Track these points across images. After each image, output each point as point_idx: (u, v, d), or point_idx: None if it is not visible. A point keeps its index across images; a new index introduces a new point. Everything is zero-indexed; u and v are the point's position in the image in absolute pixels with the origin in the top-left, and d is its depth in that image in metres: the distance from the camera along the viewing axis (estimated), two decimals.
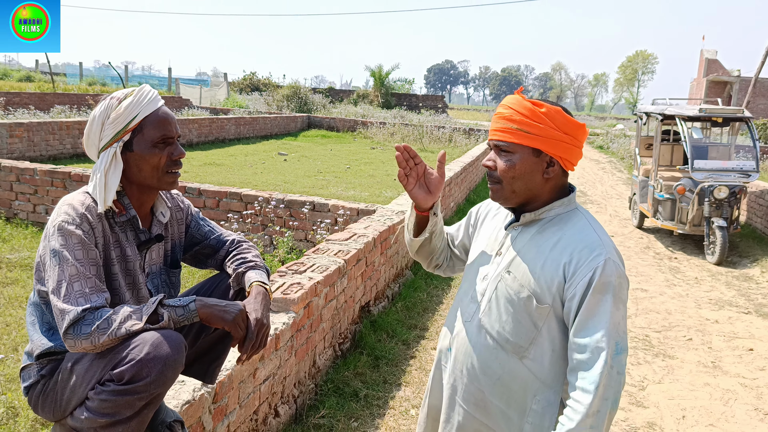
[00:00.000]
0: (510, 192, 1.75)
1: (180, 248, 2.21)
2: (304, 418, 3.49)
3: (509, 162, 1.72)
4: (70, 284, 1.75)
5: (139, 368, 1.69)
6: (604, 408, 1.56)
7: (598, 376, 1.55)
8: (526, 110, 1.69)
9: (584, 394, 1.56)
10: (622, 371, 1.59)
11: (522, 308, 1.69)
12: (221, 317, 1.83)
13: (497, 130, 1.74)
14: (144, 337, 1.73)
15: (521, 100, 1.73)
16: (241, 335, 1.86)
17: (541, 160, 1.71)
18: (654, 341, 5.36)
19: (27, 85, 26.02)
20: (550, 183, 1.74)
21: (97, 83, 30.74)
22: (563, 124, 1.69)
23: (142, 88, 1.95)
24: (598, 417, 1.55)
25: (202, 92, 32.85)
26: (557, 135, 1.68)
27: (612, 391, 1.57)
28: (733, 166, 8.71)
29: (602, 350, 1.56)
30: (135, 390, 1.71)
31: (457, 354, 1.83)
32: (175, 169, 1.97)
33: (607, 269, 1.60)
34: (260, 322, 1.92)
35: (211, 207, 6.85)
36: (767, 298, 6.82)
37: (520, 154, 1.71)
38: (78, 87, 26.99)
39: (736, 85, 34.00)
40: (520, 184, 1.73)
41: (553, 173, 1.73)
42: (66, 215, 1.82)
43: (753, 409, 4.20)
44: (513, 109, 1.72)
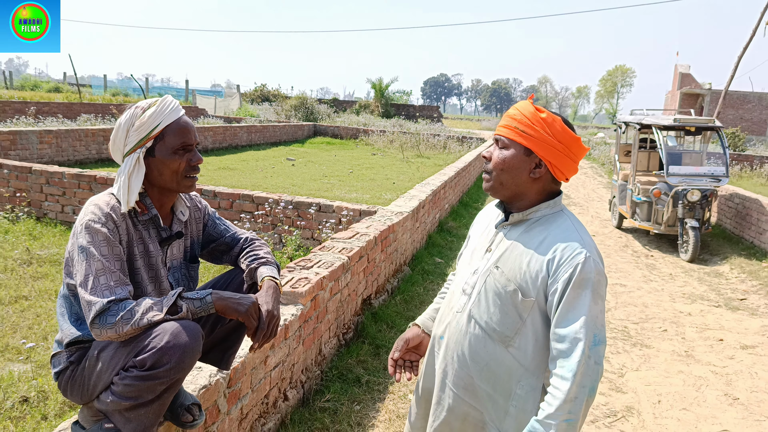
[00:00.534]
0: (498, 183, 1.77)
1: (198, 245, 2.22)
2: (311, 401, 3.49)
3: (502, 155, 1.75)
4: (96, 278, 1.75)
5: (160, 355, 1.70)
6: (582, 395, 1.56)
7: (575, 365, 1.56)
8: (529, 113, 1.72)
9: (563, 382, 1.57)
10: (599, 361, 1.59)
11: (508, 301, 1.70)
12: (235, 309, 1.84)
13: (502, 126, 1.78)
14: (164, 327, 1.74)
15: (528, 104, 1.76)
16: (253, 325, 1.86)
17: (530, 159, 1.72)
18: (632, 332, 5.36)
19: (55, 95, 25.99)
20: (537, 184, 1.75)
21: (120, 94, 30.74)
22: (558, 132, 1.70)
23: (165, 99, 1.95)
24: (575, 403, 1.56)
25: (217, 102, 32.84)
26: (549, 140, 1.69)
27: (589, 379, 1.57)
28: (704, 172, 8.72)
29: (580, 341, 1.57)
30: (156, 375, 1.72)
31: (449, 342, 1.84)
32: (194, 173, 1.97)
33: (586, 266, 1.61)
34: (271, 314, 1.92)
35: (226, 208, 6.85)
36: (736, 293, 6.82)
37: (513, 150, 1.73)
38: (102, 97, 26.96)
39: (708, 97, 34.00)
40: (507, 177, 1.74)
41: (540, 175, 1.73)
42: (92, 214, 1.82)
43: (723, 394, 4.21)
44: (519, 111, 1.75)
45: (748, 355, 4.93)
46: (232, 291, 2.11)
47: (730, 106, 34.11)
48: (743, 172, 18.39)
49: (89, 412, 1.91)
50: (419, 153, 20.21)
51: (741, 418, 3.87)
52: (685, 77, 35.64)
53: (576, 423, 1.56)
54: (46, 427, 2.95)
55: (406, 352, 2.07)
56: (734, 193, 9.99)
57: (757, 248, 8.78)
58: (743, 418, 3.87)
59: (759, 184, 16.39)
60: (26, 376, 3.45)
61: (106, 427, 1.85)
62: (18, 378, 3.41)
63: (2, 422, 2.99)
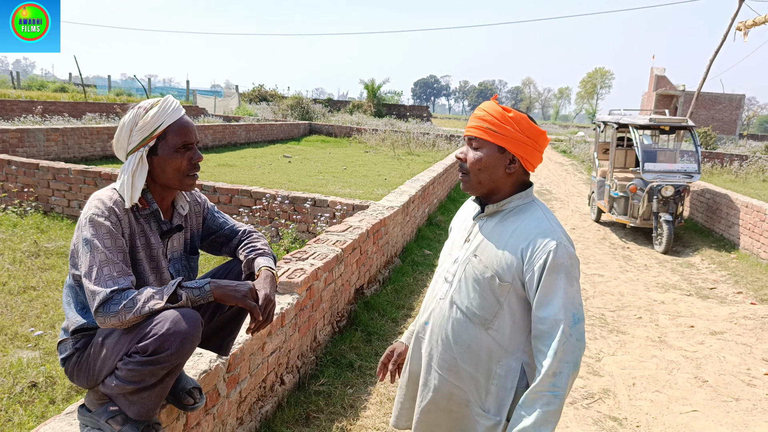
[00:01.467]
0: (476, 182, 1.78)
1: (198, 237, 2.21)
2: (306, 385, 3.50)
3: (477, 155, 1.76)
4: (100, 269, 1.75)
5: (161, 342, 1.71)
6: (566, 370, 1.60)
7: (557, 343, 1.60)
8: (497, 113, 1.73)
9: (546, 359, 1.61)
10: (581, 338, 1.64)
11: (487, 286, 1.73)
12: (233, 295, 1.84)
13: (471, 126, 1.78)
14: (165, 315, 1.74)
15: (494, 105, 1.77)
16: (251, 308, 1.86)
17: (504, 156, 1.74)
18: (609, 319, 5.40)
19: (62, 95, 25.76)
20: (511, 178, 1.77)
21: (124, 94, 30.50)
22: (526, 128, 1.72)
23: (167, 99, 1.94)
24: (559, 377, 1.60)
25: (216, 102, 32.67)
26: (520, 137, 1.71)
27: (572, 355, 1.61)
28: (678, 169, 8.78)
29: (560, 321, 1.61)
30: (158, 361, 1.72)
31: (433, 327, 1.86)
32: (194, 171, 1.97)
33: (558, 252, 1.64)
34: (268, 298, 1.93)
35: (225, 202, 6.83)
36: (706, 282, 6.89)
37: (487, 149, 1.74)
38: (107, 97, 26.76)
39: (682, 98, 34.17)
40: (484, 175, 1.76)
41: (514, 170, 1.75)
42: (96, 209, 1.82)
43: (693, 377, 4.25)
44: (486, 111, 1.76)
45: (716, 340, 4.99)
46: (230, 280, 2.11)
47: (703, 106, 34.31)
48: (714, 169, 18.51)
49: (95, 395, 1.91)
50: (410, 151, 20.20)
51: (710, 399, 3.92)
52: (660, 79, 35.79)
53: (562, 395, 1.61)
54: (54, 411, 2.95)
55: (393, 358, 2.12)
56: (705, 188, 10.07)
57: (726, 240, 8.86)
58: (712, 399, 3.92)
59: (729, 180, 16.52)
60: (35, 362, 3.44)
61: (111, 409, 1.86)
62: (27, 364, 3.40)
63: (12, 406, 2.98)
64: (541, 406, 1.60)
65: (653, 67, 36.99)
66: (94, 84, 39.32)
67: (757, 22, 13.86)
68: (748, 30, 14.28)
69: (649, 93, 37.65)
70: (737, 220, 8.63)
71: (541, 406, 1.60)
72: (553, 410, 1.60)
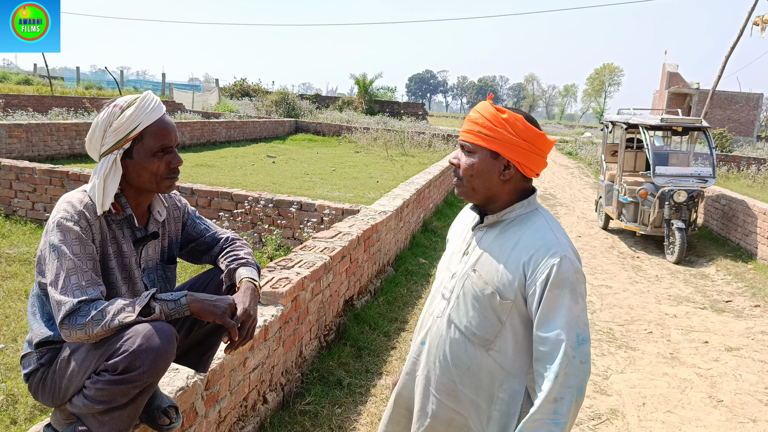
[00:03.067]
0: (470, 189, 1.78)
1: (177, 245, 2.20)
2: (291, 404, 3.50)
3: (469, 161, 1.75)
4: (67, 277, 1.74)
5: (132, 359, 1.69)
6: (568, 396, 1.58)
7: (558, 365, 1.58)
8: (490, 115, 1.72)
9: (547, 383, 1.59)
10: (585, 360, 1.61)
11: (487, 304, 1.71)
12: (211, 311, 1.83)
13: (464, 131, 1.78)
14: (137, 329, 1.72)
15: (488, 105, 1.76)
16: (230, 326, 1.85)
17: (498, 162, 1.73)
18: (617, 334, 5.43)
19: (25, 87, 25.62)
20: (508, 185, 1.76)
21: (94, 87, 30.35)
22: (522, 131, 1.70)
23: (146, 97, 1.91)
24: (561, 403, 1.57)
25: (195, 97, 32.62)
26: (514, 140, 1.70)
27: (576, 379, 1.59)
28: (691, 172, 8.85)
29: (562, 342, 1.59)
30: (129, 380, 1.71)
31: (430, 347, 1.86)
32: (173, 175, 1.96)
33: (563, 266, 1.62)
34: (247, 313, 1.91)
35: (203, 206, 6.82)
36: (721, 295, 6.94)
37: (479, 154, 1.74)
38: (75, 90, 26.64)
39: (696, 96, 34.47)
40: (478, 182, 1.75)
41: (510, 176, 1.74)
42: (65, 212, 1.81)
43: (707, 396, 4.28)
44: (479, 113, 1.75)
45: (732, 357, 5.03)
46: (210, 292, 2.10)
47: (718, 106, 34.62)
48: (730, 173, 18.68)
49: (62, 415, 1.90)
50: (404, 151, 20.25)
51: (725, 421, 3.95)
52: (673, 76, 36.09)
53: (563, 424, 1.58)
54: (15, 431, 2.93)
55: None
56: (721, 194, 10.15)
57: (743, 250, 8.93)
58: (727, 420, 3.95)
59: (746, 185, 16.65)
60: None
61: (79, 429, 1.85)
62: None
63: None
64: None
65: (665, 64, 37.32)
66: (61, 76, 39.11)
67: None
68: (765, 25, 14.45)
69: (660, 91, 37.96)
70: (755, 228, 8.71)
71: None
72: None
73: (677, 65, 36.75)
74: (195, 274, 5.35)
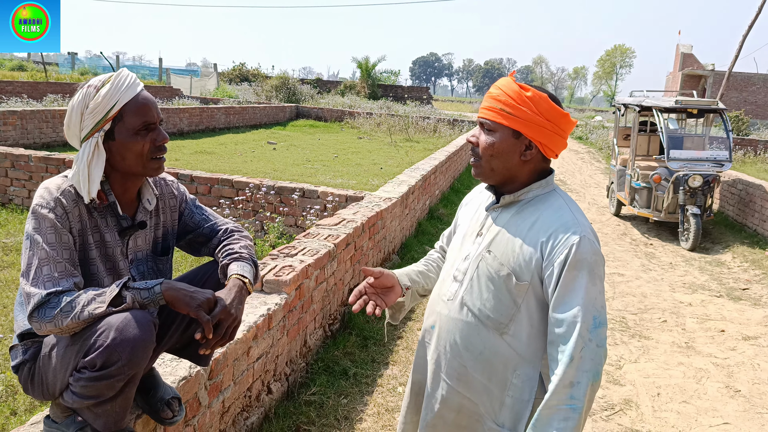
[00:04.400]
0: (489, 169, 1.76)
1: (173, 236, 2.15)
2: (296, 395, 3.51)
3: (489, 140, 1.73)
4: (39, 267, 1.71)
5: (108, 354, 1.66)
6: (584, 380, 1.57)
7: (573, 348, 1.57)
8: (513, 92, 1.70)
9: (561, 366, 1.58)
10: (602, 344, 1.60)
11: (502, 286, 1.70)
12: (186, 302, 1.75)
13: (485, 108, 1.75)
14: (109, 322, 1.68)
15: (511, 82, 1.73)
16: (203, 321, 1.75)
17: (520, 142, 1.71)
18: (630, 323, 5.43)
19: (20, 74, 25.60)
20: (528, 166, 1.75)
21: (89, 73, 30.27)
22: (546, 110, 1.68)
23: (120, 74, 1.86)
24: (577, 388, 1.57)
25: (193, 82, 32.54)
26: (538, 120, 1.68)
27: (591, 363, 1.58)
28: (707, 156, 8.79)
29: (578, 324, 1.58)
30: (110, 374, 1.69)
31: (441, 331, 1.85)
32: (160, 154, 1.90)
33: (582, 246, 1.61)
34: (227, 311, 1.82)
35: (203, 193, 6.82)
36: (738, 282, 6.92)
37: (500, 133, 1.71)
38: (70, 76, 26.59)
39: (711, 78, 34.25)
40: (497, 162, 1.73)
41: (531, 156, 1.72)
42: (41, 198, 1.78)
43: (724, 386, 4.28)
44: (501, 90, 1.73)
45: (750, 346, 5.02)
46: (210, 286, 2.04)
47: (734, 88, 34.38)
48: (747, 157, 18.59)
49: (59, 408, 1.90)
50: (408, 137, 20.19)
51: (743, 411, 3.94)
52: (687, 58, 35.83)
53: (580, 409, 1.57)
54: (15, 423, 2.95)
55: (375, 283, 1.96)
56: (737, 179, 10.10)
57: (761, 236, 8.90)
58: (745, 411, 3.95)
59: (763, 170, 16.57)
60: None
61: (78, 420, 1.85)
62: None
63: None
64: (558, 422, 1.56)
65: (679, 44, 37.02)
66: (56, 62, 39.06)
67: None
68: None
69: (674, 73, 37.71)
70: None
71: (558, 422, 1.56)
72: (573, 426, 1.56)
73: (691, 46, 36.47)
74: (195, 265, 5.36)
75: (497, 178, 1.77)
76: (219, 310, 1.80)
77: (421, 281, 2.08)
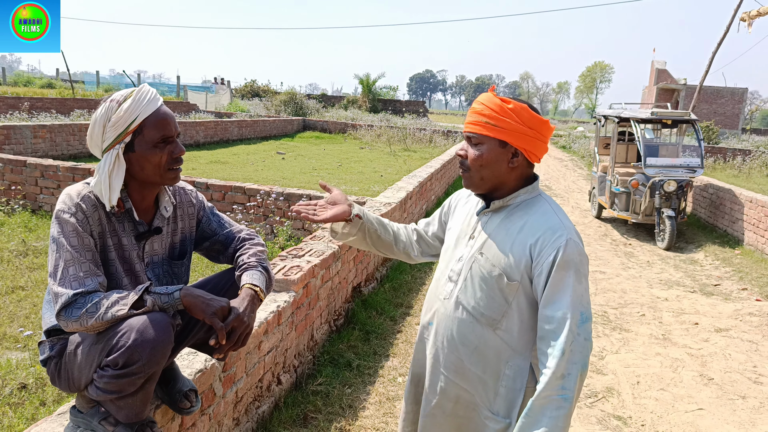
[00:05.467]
0: (479, 179, 1.75)
1: (191, 241, 2.12)
2: (304, 385, 3.49)
3: (478, 152, 1.72)
4: (65, 268, 1.70)
5: (130, 354, 1.66)
6: (574, 370, 1.57)
7: (563, 343, 1.56)
8: (495, 106, 1.69)
9: (553, 360, 1.57)
10: (588, 337, 1.61)
11: (494, 285, 1.70)
12: (202, 308, 1.74)
13: (470, 123, 1.74)
14: (131, 324, 1.68)
15: (492, 97, 1.73)
16: (217, 328, 1.74)
17: (506, 151, 1.71)
18: (611, 317, 5.41)
19: (49, 91, 25.60)
20: (515, 172, 1.74)
21: (113, 90, 30.31)
22: (528, 119, 1.68)
23: (141, 89, 1.84)
24: (568, 379, 1.56)
25: (208, 98, 32.57)
26: (522, 129, 1.68)
27: (580, 355, 1.58)
28: (680, 163, 8.79)
29: (567, 320, 1.58)
30: (132, 372, 1.68)
31: (438, 328, 1.84)
32: (177, 165, 1.88)
33: (568, 248, 1.61)
34: (240, 319, 1.80)
35: (218, 200, 6.81)
36: (710, 279, 6.90)
37: (487, 144, 1.71)
38: (95, 93, 26.60)
39: (683, 92, 34.27)
40: (487, 172, 1.73)
41: (518, 163, 1.72)
42: (63, 204, 1.77)
43: (698, 375, 4.26)
44: (484, 105, 1.72)
45: (722, 337, 5.00)
46: (232, 293, 2.01)
47: (705, 100, 34.42)
48: (717, 164, 18.57)
49: (83, 399, 1.89)
50: (406, 147, 20.19)
51: (716, 398, 3.93)
52: (661, 73, 35.87)
53: (571, 398, 1.57)
54: (44, 413, 2.93)
55: (326, 199, 2.01)
56: (708, 183, 10.09)
57: (730, 236, 8.88)
58: (717, 398, 3.93)
59: (732, 176, 16.56)
60: (24, 363, 3.42)
61: (102, 410, 1.84)
62: (16, 366, 3.38)
63: (1, 408, 2.96)
64: (551, 411, 1.55)
65: (654, 61, 37.07)
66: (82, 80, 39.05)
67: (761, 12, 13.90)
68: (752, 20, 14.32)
69: (649, 87, 37.73)
70: (741, 216, 8.66)
71: (551, 411, 1.55)
72: (564, 414, 1.56)
73: (665, 62, 36.52)
74: (209, 268, 5.35)
75: (487, 186, 1.76)
76: (232, 318, 1.78)
77: (376, 226, 2.05)
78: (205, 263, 5.46)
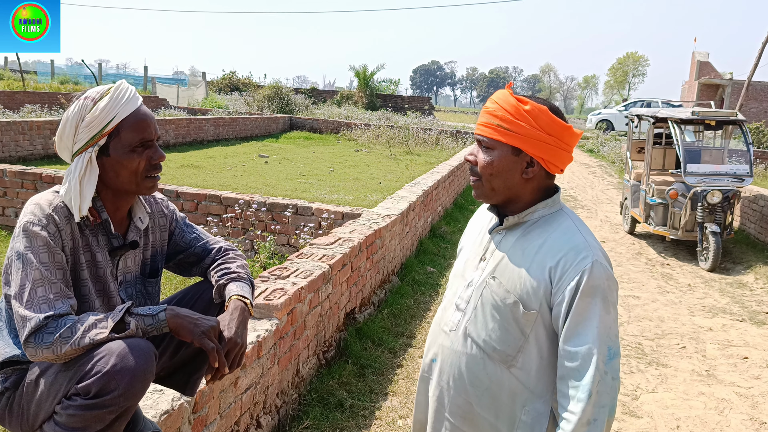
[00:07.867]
0: (489, 189, 1.75)
1: (162, 257, 2.15)
2: (287, 429, 3.47)
3: (488, 158, 1.72)
4: (33, 289, 1.70)
5: (106, 381, 1.65)
6: (602, 416, 1.56)
7: (590, 383, 1.55)
8: (510, 107, 1.69)
9: (578, 404, 1.56)
10: (616, 376, 1.59)
11: (509, 315, 1.69)
12: (190, 329, 1.78)
13: (481, 124, 1.75)
14: (110, 348, 1.68)
15: (507, 95, 1.72)
16: (209, 349, 1.79)
17: (520, 159, 1.70)
18: (647, 349, 5.39)
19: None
20: (531, 184, 1.74)
21: (70, 82, 30.41)
22: (547, 124, 1.67)
23: (119, 86, 1.88)
24: (594, 425, 1.55)
25: (180, 92, 32.68)
26: (539, 135, 1.66)
27: (608, 397, 1.57)
28: (726, 170, 8.80)
29: (593, 356, 1.56)
30: (103, 404, 1.67)
31: (443, 365, 1.82)
32: (155, 173, 1.92)
33: (594, 272, 1.60)
34: (233, 341, 1.85)
35: (190, 210, 6.81)
36: (761, 305, 6.89)
37: (499, 151, 1.71)
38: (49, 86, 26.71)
39: (729, 88, 34.42)
40: (498, 181, 1.73)
41: (533, 174, 1.71)
42: (32, 215, 1.77)
43: (748, 418, 4.24)
44: (498, 104, 1.72)
45: None
46: (199, 309, 2.04)
47: (754, 98, 34.54)
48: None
49: None
50: (408, 149, 20.25)
51: None
52: (703, 66, 36.05)
53: None
54: None
55: None
56: (759, 194, 10.11)
57: None
58: None
59: None
60: None
61: None
62: None
63: None
64: None
65: (695, 52, 37.28)
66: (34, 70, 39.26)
67: None
68: None
69: (690, 82, 37.93)
70: None
71: None
72: None
73: (708, 54, 36.71)
74: (181, 286, 5.33)
75: (499, 198, 1.76)
76: (227, 340, 1.84)
77: None
78: (175, 283, 5.44)
